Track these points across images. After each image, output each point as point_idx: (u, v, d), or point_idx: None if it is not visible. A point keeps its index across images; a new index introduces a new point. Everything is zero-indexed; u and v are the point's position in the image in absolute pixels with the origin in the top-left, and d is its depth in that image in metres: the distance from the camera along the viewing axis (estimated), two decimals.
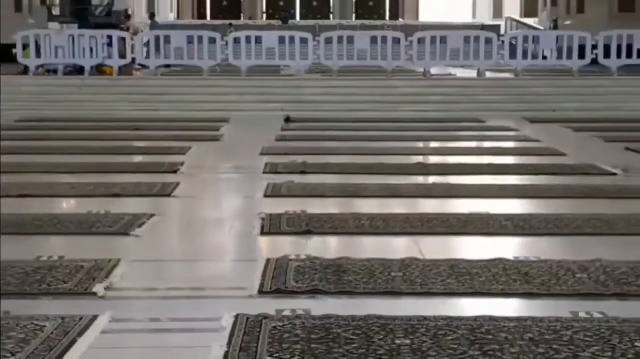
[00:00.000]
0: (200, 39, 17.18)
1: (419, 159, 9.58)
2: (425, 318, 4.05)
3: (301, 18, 53.41)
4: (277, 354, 3.59)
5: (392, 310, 4.19)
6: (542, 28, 25.79)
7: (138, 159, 10.21)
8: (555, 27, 26.39)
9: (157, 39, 17.68)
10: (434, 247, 5.57)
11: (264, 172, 8.68)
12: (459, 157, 9.92)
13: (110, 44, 17.37)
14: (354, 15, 55.26)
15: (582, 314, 4.14)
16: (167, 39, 17.51)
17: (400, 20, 49.77)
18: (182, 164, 9.15)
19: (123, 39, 17.39)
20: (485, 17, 41.27)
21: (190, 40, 17.26)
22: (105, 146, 10.82)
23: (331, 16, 55.71)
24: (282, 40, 17.01)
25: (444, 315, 4.08)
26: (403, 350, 3.66)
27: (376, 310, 4.17)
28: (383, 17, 53.28)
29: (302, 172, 8.67)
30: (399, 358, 3.57)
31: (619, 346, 3.68)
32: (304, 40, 16.84)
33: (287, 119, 13.97)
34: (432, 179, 8.38)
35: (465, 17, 38.90)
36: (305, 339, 3.78)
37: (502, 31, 27.73)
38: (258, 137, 11.66)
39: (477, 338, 3.80)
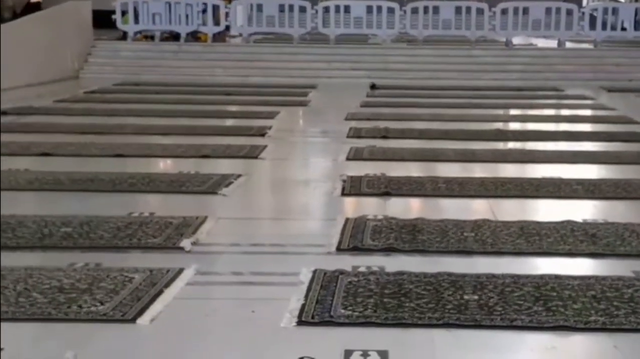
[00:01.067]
0: (291, 7, 17.44)
1: (498, 125, 9.69)
2: (493, 275, 4.24)
3: None
4: (350, 307, 3.83)
5: (463, 268, 4.39)
6: (622, 0, 25.29)
7: (228, 122, 10.56)
8: (636, 0, 25.88)
9: (250, 7, 18.01)
10: (507, 210, 5.74)
11: (348, 137, 8.92)
12: (535, 124, 10.04)
13: (205, 11, 17.78)
14: None
15: None
16: (260, 7, 17.81)
17: None
18: (270, 127, 9.46)
19: (217, 7, 17.76)
20: None
21: (281, 8, 17.55)
22: (197, 110, 11.19)
23: None
24: (369, 9, 17.15)
25: (511, 273, 4.27)
26: (471, 305, 3.86)
27: (447, 268, 4.37)
28: None
29: (384, 137, 8.88)
30: (466, 312, 3.77)
31: None
32: (390, 10, 17.00)
33: (373, 86, 14.17)
34: (508, 145, 8.50)
35: None
36: (378, 294, 4.01)
37: (584, 3, 27.31)
38: (344, 103, 11.91)
39: (542, 294, 3.98)
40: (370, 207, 5.81)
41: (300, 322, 3.67)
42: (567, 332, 3.56)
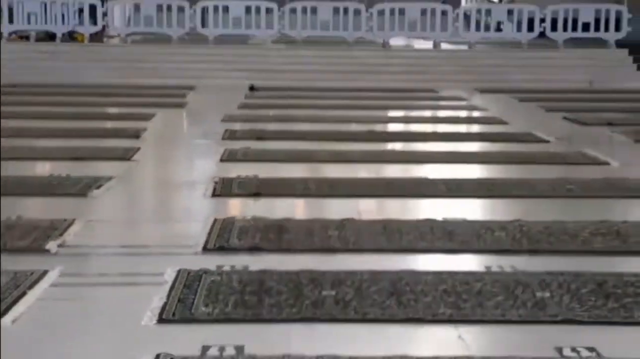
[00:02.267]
0: (169, 7, 17.41)
1: (371, 126, 9.95)
2: (352, 272, 4.42)
3: None
4: (211, 305, 3.93)
5: (324, 266, 4.54)
6: (496, 1, 26.20)
7: (103, 124, 10.51)
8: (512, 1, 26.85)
9: (127, 7, 17.89)
10: (372, 209, 5.95)
11: (223, 138, 9.03)
12: (408, 125, 10.41)
13: (81, 11, 17.56)
14: None
15: (494, 269, 4.53)
16: (137, 7, 17.69)
17: None
18: (145, 129, 9.48)
19: (94, 7, 17.56)
20: None
21: (159, 8, 17.48)
22: (72, 112, 11.09)
23: None
24: (248, 10, 17.28)
25: (369, 269, 4.46)
26: (327, 300, 4.01)
27: (309, 266, 4.52)
28: None
29: (259, 138, 9.02)
30: (323, 307, 3.94)
31: (521, 296, 4.06)
32: (269, 10, 17.18)
33: (252, 88, 14.31)
34: (380, 146, 8.73)
35: None
36: (240, 291, 4.12)
37: (463, 3, 28.16)
38: (222, 104, 12.01)
39: (396, 289, 4.17)
40: (240, 208, 5.93)
41: (161, 320, 3.75)
42: (417, 324, 3.75)
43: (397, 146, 8.67)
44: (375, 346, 3.48)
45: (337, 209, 5.93)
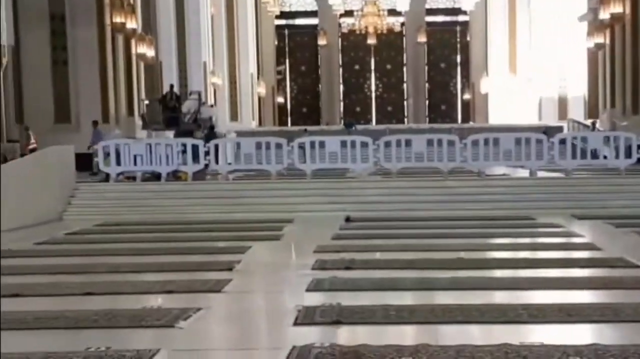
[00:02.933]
0: (267, 144, 18.05)
1: (461, 254, 9.99)
2: None
3: (376, 123, 54.76)
4: None
5: None
6: (601, 129, 26.15)
7: (200, 258, 10.84)
8: (613, 129, 26.80)
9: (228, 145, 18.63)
10: (449, 335, 5.99)
11: (313, 268, 9.22)
12: (499, 252, 10.36)
13: (184, 152, 18.36)
14: (427, 119, 56.39)
15: None
16: (238, 146, 18.36)
17: (471, 123, 50.59)
18: (239, 261, 9.77)
19: (196, 146, 18.34)
20: (551, 118, 41.77)
21: (258, 146, 18.15)
22: (171, 247, 11.51)
23: (405, 120, 56.93)
24: (344, 144, 17.76)
25: None
26: None
27: None
28: (455, 121, 54.24)
29: (347, 268, 9.18)
30: None
31: None
32: (364, 144, 17.61)
33: (347, 219, 14.55)
34: (467, 273, 8.75)
35: (532, 119, 39.36)
36: None
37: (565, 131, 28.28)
38: (316, 236, 12.25)
39: None
40: (320, 335, 6.05)
41: None
42: None
43: (484, 273, 8.67)
44: None
45: (414, 335, 6.01)
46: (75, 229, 14.27)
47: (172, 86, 29.15)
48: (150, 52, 33.02)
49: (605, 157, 18.41)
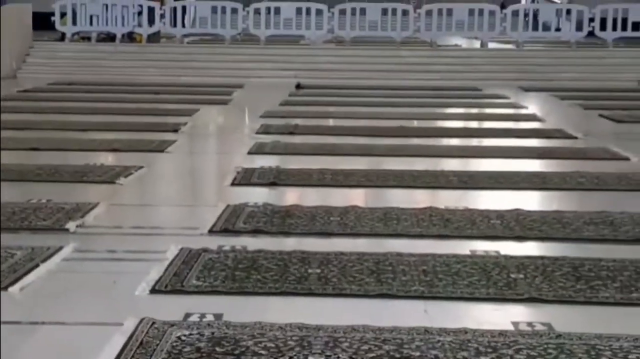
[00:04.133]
0: (223, 9, 17.86)
1: (403, 123, 10.16)
2: (341, 253, 4.68)
3: None
4: (202, 278, 4.25)
5: (318, 247, 4.81)
6: (559, 1, 26.14)
7: (147, 119, 10.89)
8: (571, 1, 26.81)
9: (184, 8, 18.40)
10: (379, 197, 6.20)
11: (257, 133, 9.35)
12: (441, 122, 10.57)
13: (140, 13, 18.13)
14: None
15: (479, 253, 4.75)
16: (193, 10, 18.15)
17: None
18: (185, 124, 9.87)
19: (152, 9, 18.10)
20: None
21: (214, 10, 17.95)
22: (120, 107, 11.56)
23: None
24: (299, 11, 17.65)
25: (358, 251, 4.71)
26: (311, 277, 4.29)
27: (304, 247, 4.80)
28: None
29: (291, 133, 9.32)
30: (305, 282, 4.22)
31: (495, 277, 4.28)
32: (319, 12, 17.50)
33: (298, 86, 14.62)
34: (405, 141, 8.92)
35: None
36: (232, 268, 4.42)
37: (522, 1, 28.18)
38: (265, 101, 12.34)
39: (378, 268, 4.42)
40: (255, 195, 6.22)
41: (153, 290, 4.08)
42: (388, 299, 4.01)
43: (423, 141, 8.86)
44: (343, 318, 3.72)
45: (346, 197, 6.20)
46: (27, 87, 14.20)
47: None
48: None
49: (558, 29, 18.47)
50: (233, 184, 6.63)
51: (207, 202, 6.10)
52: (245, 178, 6.83)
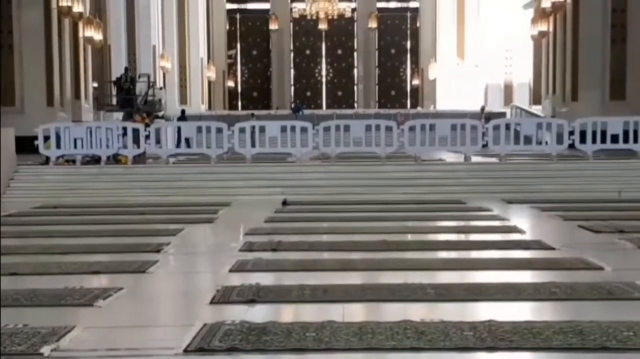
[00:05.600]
0: (208, 128, 18.21)
1: (386, 237, 10.26)
2: None
3: (327, 107, 55.15)
4: None
5: None
6: (542, 115, 26.69)
7: (132, 240, 10.99)
8: (554, 115, 27.40)
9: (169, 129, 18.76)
10: (356, 312, 6.26)
11: (240, 250, 9.43)
12: (423, 235, 10.68)
13: (124, 135, 18.44)
14: (376, 104, 56.92)
15: None
16: (179, 130, 18.49)
17: (419, 108, 51.20)
18: (168, 244, 9.96)
19: (137, 130, 18.43)
20: (497, 104, 42.44)
21: (199, 129, 18.30)
22: (105, 229, 11.64)
23: (355, 105, 57.39)
24: (284, 129, 18.00)
25: None
26: None
27: None
28: (404, 106, 54.82)
29: (274, 250, 9.42)
30: None
31: None
32: (304, 129, 17.85)
33: (284, 203, 14.79)
34: (388, 255, 9.01)
35: (478, 105, 39.94)
36: None
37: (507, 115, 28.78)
38: (250, 219, 12.47)
39: None
40: (233, 313, 6.27)
41: None
42: None
43: (403, 255, 8.96)
44: None
45: (324, 313, 6.25)
46: (11, 212, 14.32)
47: (126, 69, 29.27)
48: (98, 36, 32.86)
49: (540, 143, 18.83)
50: (212, 302, 6.69)
51: (185, 322, 6.14)
52: (224, 296, 6.89)
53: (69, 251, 9.59)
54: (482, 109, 32.61)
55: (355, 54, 60.36)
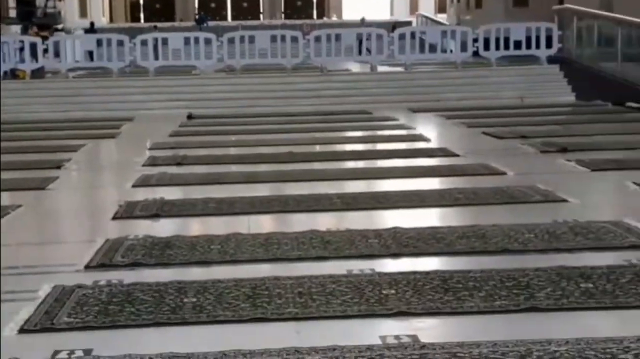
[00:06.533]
0: (109, 41, 17.70)
1: (291, 148, 10.22)
2: (219, 281, 4.69)
3: (232, 19, 54.20)
4: (74, 315, 4.19)
5: (196, 276, 4.82)
6: (447, 23, 26.80)
7: (31, 157, 10.69)
8: (459, 23, 27.55)
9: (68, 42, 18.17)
10: (262, 223, 6.22)
11: (143, 165, 9.27)
12: (329, 146, 10.68)
13: (22, 49, 17.81)
14: (283, 15, 56.21)
15: (355, 272, 4.81)
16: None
17: (324, 18, 50.81)
18: (69, 160, 9.72)
19: (35, 44, 17.81)
20: (403, 14, 42.44)
21: (99, 43, 17.77)
22: (4, 147, 11.28)
23: (261, 16, 56.56)
24: (187, 41, 17.61)
25: (235, 277, 4.72)
26: (186, 306, 4.28)
27: (183, 278, 4.79)
28: (310, 16, 54.29)
29: (178, 164, 9.29)
30: (179, 312, 4.20)
31: (368, 294, 4.35)
32: (208, 41, 17.51)
33: (189, 116, 14.58)
34: (294, 166, 8.98)
35: (384, 15, 39.94)
36: (105, 302, 4.37)
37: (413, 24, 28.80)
38: (154, 133, 12.27)
39: (255, 293, 4.43)
40: (136, 228, 6.17)
41: (21, 330, 4.01)
42: (262, 323, 4.02)
43: (309, 166, 8.94)
44: (215, 344, 3.73)
45: (229, 225, 6.19)
46: None
47: None
48: None
49: (444, 51, 18.87)
50: (115, 218, 6.56)
51: (86, 238, 6.02)
52: (127, 211, 6.77)
53: None
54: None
55: None
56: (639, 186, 7.18)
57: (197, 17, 46.89)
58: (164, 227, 6.24)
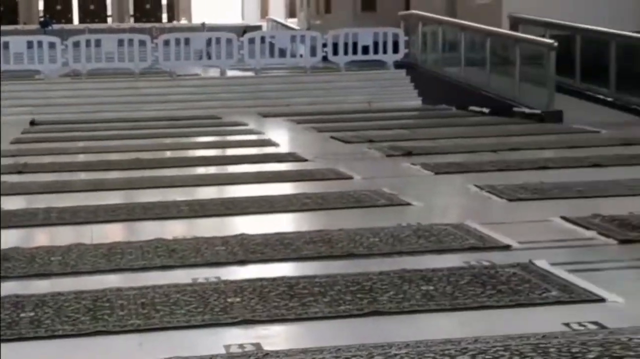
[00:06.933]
0: None
1: (137, 154, 10.05)
2: (59, 293, 4.52)
3: (79, 22, 52.96)
4: None
5: (35, 289, 4.64)
6: (298, 28, 27.05)
7: None
8: (309, 27, 27.85)
9: None
10: (107, 233, 6.07)
11: None
12: (177, 152, 10.58)
13: None
14: (132, 19, 55.33)
15: (200, 280, 4.75)
16: None
17: (174, 22, 50.42)
18: None
19: None
20: (254, 18, 42.56)
21: None
22: None
23: (109, 19, 55.51)
24: (30, 44, 17.06)
25: (75, 290, 4.57)
26: (23, 320, 4.11)
27: (20, 291, 4.60)
28: (160, 20, 53.72)
29: (20, 172, 8.98)
30: (15, 327, 4.02)
31: (212, 303, 4.29)
32: (51, 45, 17.02)
33: (33, 123, 14.13)
34: (140, 173, 8.80)
35: (236, 19, 39.91)
36: None
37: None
38: None
39: (96, 306, 4.31)
40: None
41: None
42: (104, 336, 3.92)
43: (156, 172, 8.79)
44: None
45: (71, 235, 6.01)
46: None
47: None
48: None
49: (294, 55, 18.98)
50: None
51: None
52: None
53: None
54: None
55: None
56: (479, 188, 7.41)
57: (41, 20, 45.58)
58: (2, 239, 5.99)
